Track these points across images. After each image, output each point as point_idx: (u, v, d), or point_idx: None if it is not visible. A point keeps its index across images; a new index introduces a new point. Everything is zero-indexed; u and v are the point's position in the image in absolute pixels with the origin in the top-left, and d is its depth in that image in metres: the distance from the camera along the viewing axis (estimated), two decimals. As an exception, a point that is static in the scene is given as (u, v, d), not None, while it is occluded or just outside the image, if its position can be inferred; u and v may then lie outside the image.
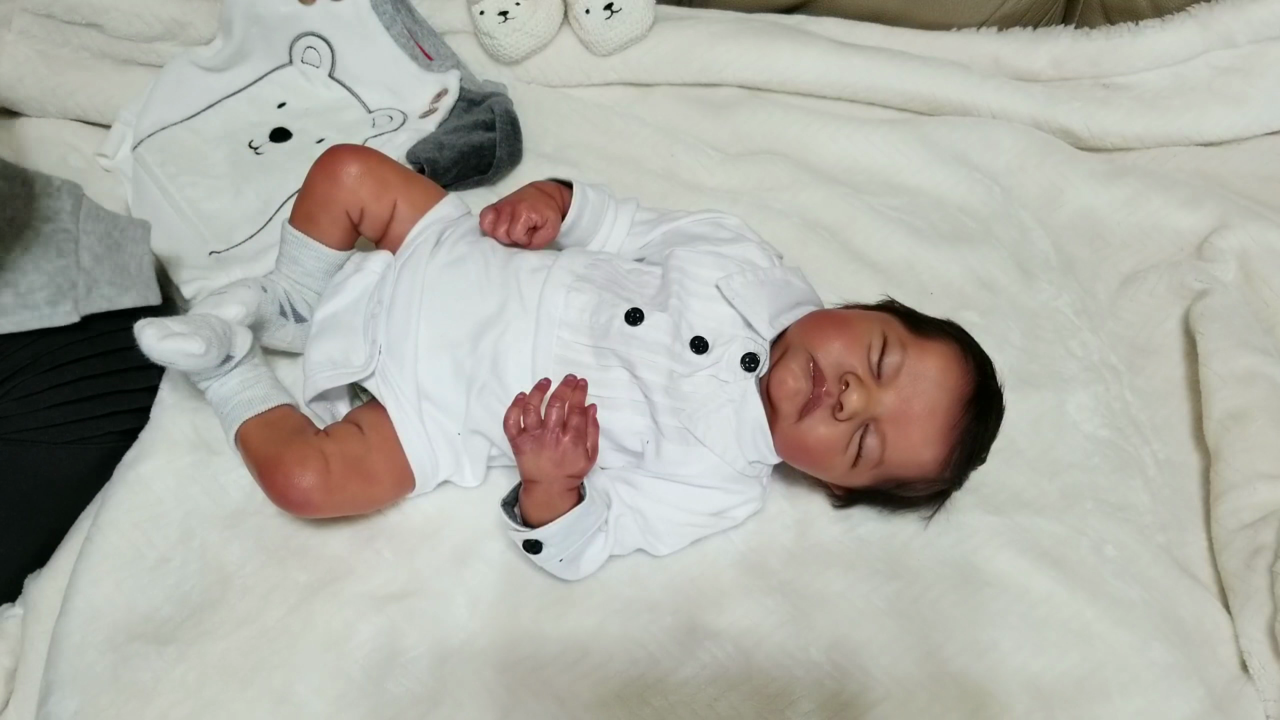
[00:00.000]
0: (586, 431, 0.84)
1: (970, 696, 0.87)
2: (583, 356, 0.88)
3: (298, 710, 0.84)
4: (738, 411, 0.87)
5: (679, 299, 0.89)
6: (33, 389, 0.89)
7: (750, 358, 0.88)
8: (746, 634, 0.89)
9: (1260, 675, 0.90)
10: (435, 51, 1.22)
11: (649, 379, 0.87)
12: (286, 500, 0.88)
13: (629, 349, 0.87)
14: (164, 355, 0.84)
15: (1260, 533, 0.94)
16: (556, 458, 0.83)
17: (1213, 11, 1.24)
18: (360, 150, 0.96)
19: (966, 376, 0.88)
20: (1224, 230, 1.15)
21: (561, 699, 0.86)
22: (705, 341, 0.87)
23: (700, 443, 0.87)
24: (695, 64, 1.25)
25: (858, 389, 0.85)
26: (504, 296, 0.90)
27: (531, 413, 0.84)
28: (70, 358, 0.90)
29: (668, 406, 0.87)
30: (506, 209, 0.94)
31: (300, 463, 0.87)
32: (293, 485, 0.86)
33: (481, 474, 0.94)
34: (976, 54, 1.29)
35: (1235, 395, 1.01)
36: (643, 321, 0.88)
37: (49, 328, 0.89)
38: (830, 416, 0.85)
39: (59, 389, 0.90)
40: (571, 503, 0.85)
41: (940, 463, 0.88)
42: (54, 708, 0.84)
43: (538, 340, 0.88)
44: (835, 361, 0.86)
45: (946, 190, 1.21)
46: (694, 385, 0.87)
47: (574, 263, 0.92)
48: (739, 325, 0.89)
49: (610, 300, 0.89)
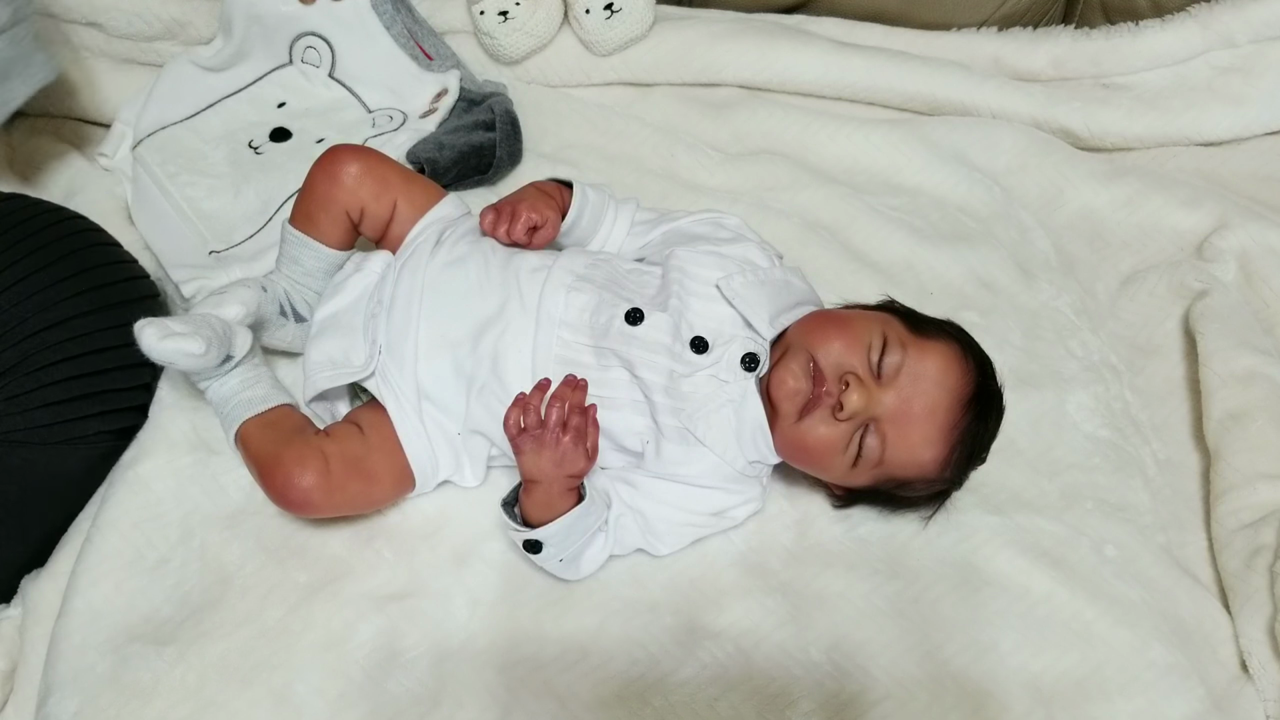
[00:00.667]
0: (586, 431, 0.84)
1: (970, 696, 0.87)
2: (583, 356, 0.88)
3: (298, 710, 0.84)
4: (738, 411, 0.87)
5: (679, 299, 0.89)
6: (21, 389, 0.89)
7: (750, 358, 0.88)
8: (746, 634, 0.89)
9: (1260, 675, 0.90)
10: (435, 51, 1.22)
11: (649, 379, 0.87)
12: (286, 500, 0.88)
13: (629, 349, 0.87)
14: (164, 355, 0.84)
15: (1260, 533, 0.94)
16: (556, 458, 0.83)
17: (1213, 11, 1.24)
18: (360, 150, 0.96)
19: (967, 376, 0.88)
20: (1224, 230, 1.15)
21: (562, 699, 0.86)
22: (705, 341, 0.87)
23: (700, 443, 0.87)
24: (695, 64, 1.25)
25: (858, 389, 0.84)
26: (504, 296, 0.90)
27: (532, 413, 0.84)
28: (59, 357, 0.90)
29: (668, 406, 0.87)
30: (506, 209, 0.94)
31: (300, 463, 0.87)
32: (293, 485, 0.86)
33: (481, 474, 0.94)
34: (976, 54, 1.29)
35: (1235, 395, 1.01)
36: (643, 321, 0.88)
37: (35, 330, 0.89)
38: (830, 416, 0.85)
39: (48, 389, 0.89)
40: (571, 503, 0.85)
41: (940, 463, 0.88)
42: (53, 708, 0.84)
43: (538, 340, 0.88)
44: (835, 361, 0.86)
45: (946, 190, 1.21)
46: (694, 385, 0.87)
47: (574, 263, 0.92)
48: (739, 325, 0.89)
49: (610, 300, 0.89)
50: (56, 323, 0.91)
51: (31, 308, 0.90)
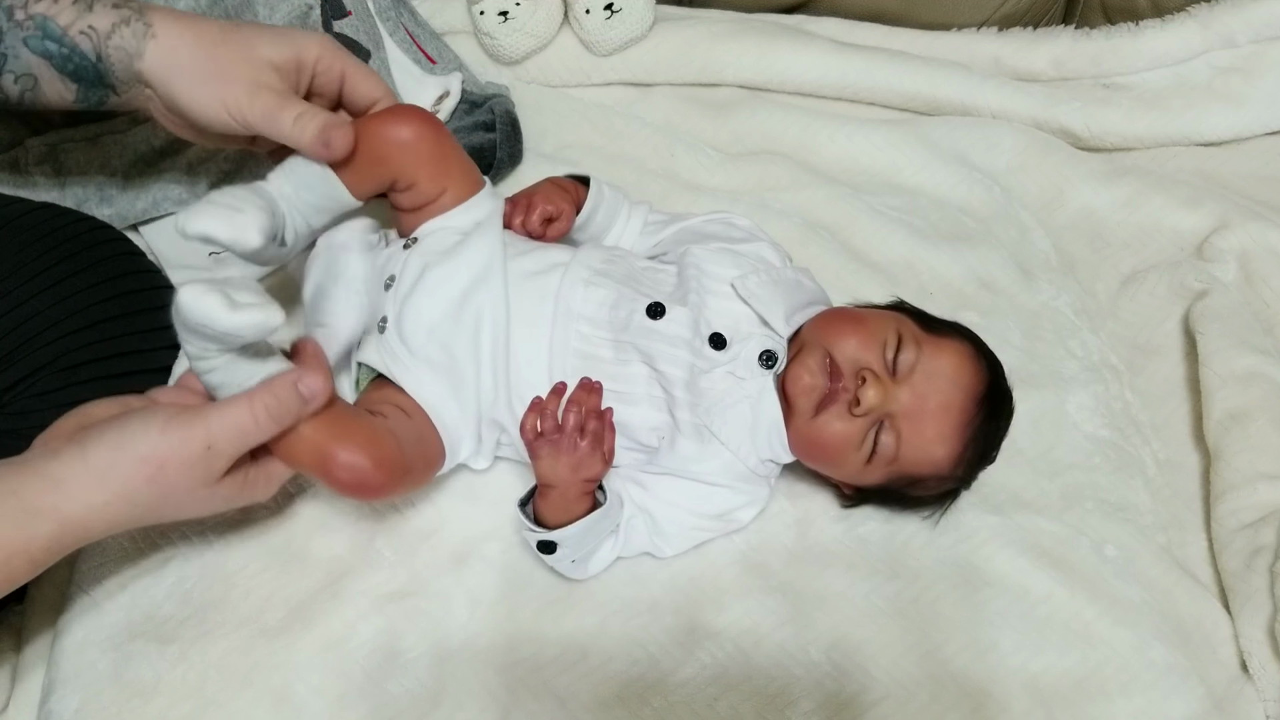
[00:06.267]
0: (604, 436, 0.84)
1: (970, 696, 0.88)
2: (601, 350, 0.88)
3: (298, 710, 0.84)
4: (754, 408, 0.87)
5: (697, 295, 0.89)
6: (50, 387, 0.90)
7: (768, 355, 0.88)
8: (746, 634, 0.89)
9: (1260, 675, 0.90)
10: (437, 54, 1.22)
11: (670, 373, 0.87)
12: (361, 484, 0.79)
13: (650, 343, 0.87)
14: (233, 327, 0.71)
15: (1260, 533, 0.94)
16: (574, 463, 0.83)
17: (1213, 11, 1.24)
18: (432, 120, 0.90)
19: (980, 374, 0.88)
20: (1224, 230, 1.15)
21: (562, 699, 0.86)
22: (723, 338, 0.88)
23: (716, 438, 0.87)
24: (695, 64, 1.25)
25: (874, 385, 0.85)
26: (517, 293, 0.88)
27: (549, 418, 0.84)
28: (88, 357, 0.91)
29: (687, 401, 0.87)
30: (523, 200, 0.95)
31: (376, 445, 0.79)
32: (372, 468, 0.78)
33: (490, 458, 0.93)
34: (976, 54, 1.29)
35: (1235, 395, 1.01)
36: (664, 315, 0.88)
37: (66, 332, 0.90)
38: (846, 412, 0.86)
39: (75, 388, 0.90)
40: (587, 506, 0.85)
41: (954, 459, 0.88)
42: (55, 705, 0.84)
43: (554, 334, 0.88)
44: (851, 358, 0.86)
45: (946, 190, 1.21)
46: (711, 381, 0.87)
47: (591, 258, 0.92)
48: (755, 323, 0.89)
49: (630, 295, 0.89)
50: (86, 325, 0.92)
51: (64, 310, 0.92)
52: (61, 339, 0.91)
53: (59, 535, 0.72)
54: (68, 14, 0.81)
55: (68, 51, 0.82)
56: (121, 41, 0.82)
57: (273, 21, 1.13)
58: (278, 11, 1.13)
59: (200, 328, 0.70)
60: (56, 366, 0.90)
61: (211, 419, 0.73)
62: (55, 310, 0.92)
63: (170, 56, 0.82)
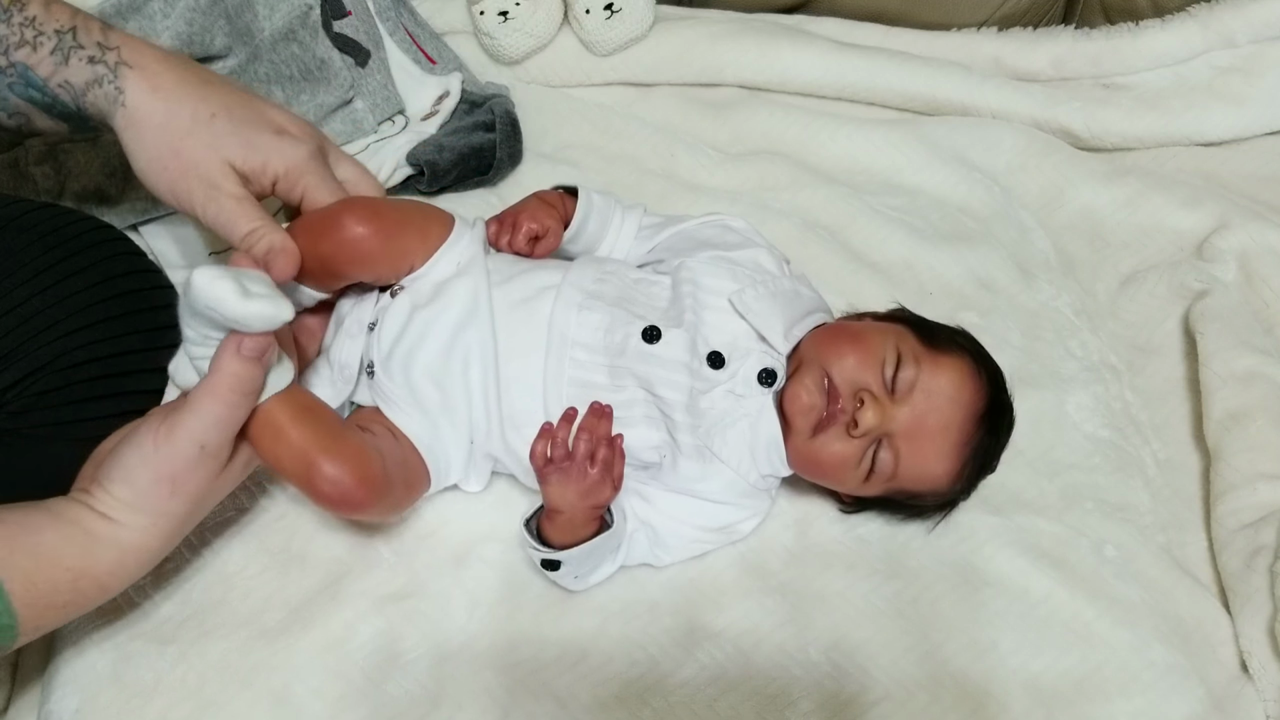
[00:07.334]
0: (614, 463, 0.84)
1: (970, 696, 0.88)
2: (596, 377, 0.87)
3: (297, 711, 0.84)
4: (753, 426, 0.87)
5: (693, 313, 0.88)
6: (50, 385, 0.90)
7: (767, 373, 0.87)
8: (746, 634, 0.89)
9: (1260, 675, 0.90)
10: (437, 54, 1.22)
11: (669, 397, 0.86)
12: (339, 497, 0.79)
13: (647, 368, 0.86)
14: (245, 316, 0.71)
15: (1260, 533, 0.94)
16: (583, 490, 0.83)
17: (1213, 11, 1.24)
18: (373, 214, 0.85)
19: (980, 392, 0.88)
20: (1224, 230, 1.15)
21: (561, 700, 0.86)
22: (721, 356, 0.86)
23: (717, 458, 0.87)
24: (695, 64, 1.25)
25: (873, 406, 0.84)
26: (504, 321, 0.87)
27: (559, 445, 0.83)
28: (89, 357, 0.91)
29: (687, 424, 0.86)
30: (508, 219, 0.93)
31: (361, 460, 0.79)
32: (350, 483, 0.78)
33: (484, 483, 0.93)
34: (976, 54, 1.29)
35: (1235, 395, 1.01)
36: (660, 339, 0.87)
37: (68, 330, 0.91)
38: (844, 433, 0.85)
39: (75, 386, 0.90)
40: (594, 529, 0.85)
41: (952, 476, 0.88)
42: (55, 706, 0.84)
43: (548, 362, 0.87)
44: (850, 379, 0.86)
45: (946, 190, 1.21)
46: (710, 401, 0.86)
47: (582, 278, 0.90)
48: (753, 339, 0.88)
49: (624, 318, 0.87)
50: (86, 325, 0.92)
51: (64, 310, 0.92)
52: (61, 339, 0.90)
53: (121, 560, 0.76)
54: (46, 65, 0.82)
55: (50, 100, 0.83)
56: (95, 99, 0.82)
57: (272, 21, 1.13)
58: (277, 12, 1.13)
59: (208, 311, 0.70)
60: (56, 366, 0.90)
61: (190, 422, 0.74)
62: (55, 310, 0.91)
63: (135, 129, 0.82)
